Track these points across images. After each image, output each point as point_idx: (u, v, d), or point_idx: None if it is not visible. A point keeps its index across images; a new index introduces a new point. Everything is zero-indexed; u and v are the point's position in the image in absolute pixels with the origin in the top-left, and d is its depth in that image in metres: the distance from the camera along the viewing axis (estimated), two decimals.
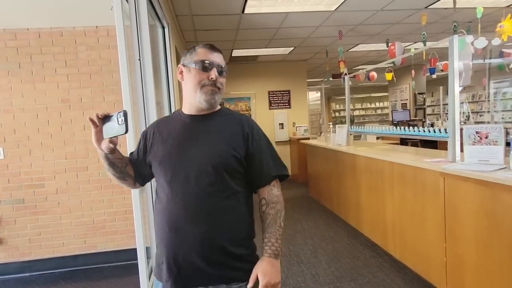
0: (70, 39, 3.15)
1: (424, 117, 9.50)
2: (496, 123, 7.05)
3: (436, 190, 2.43)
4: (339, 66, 5.30)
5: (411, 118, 8.75)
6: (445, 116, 7.71)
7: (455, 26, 3.19)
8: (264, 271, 1.09)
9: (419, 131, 3.00)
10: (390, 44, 4.17)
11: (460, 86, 2.44)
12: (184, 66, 1.20)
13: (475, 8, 3.20)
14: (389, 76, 5.21)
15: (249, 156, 1.19)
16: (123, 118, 1.02)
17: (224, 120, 1.22)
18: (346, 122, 4.62)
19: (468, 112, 7.89)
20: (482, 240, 2.05)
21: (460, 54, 2.42)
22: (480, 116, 8.18)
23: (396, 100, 10.44)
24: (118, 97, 2.35)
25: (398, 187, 2.97)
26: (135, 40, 2.08)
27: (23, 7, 2.76)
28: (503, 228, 1.91)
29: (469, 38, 2.55)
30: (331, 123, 5.98)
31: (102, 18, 3.02)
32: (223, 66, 1.19)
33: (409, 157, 3.05)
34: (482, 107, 8.24)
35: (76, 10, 2.88)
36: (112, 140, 1.09)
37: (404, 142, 5.92)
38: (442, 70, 5.62)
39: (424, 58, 4.84)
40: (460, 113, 2.47)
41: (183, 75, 1.21)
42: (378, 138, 5.57)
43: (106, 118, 1.07)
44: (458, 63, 2.43)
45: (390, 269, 2.94)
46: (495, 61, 5.53)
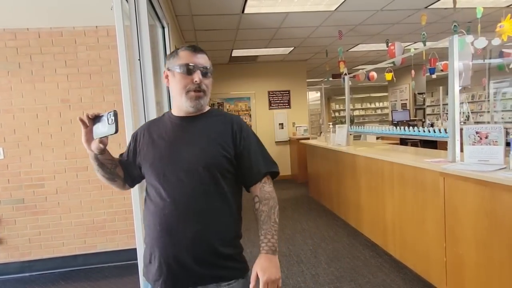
0: (70, 39, 3.15)
1: (424, 117, 9.50)
2: (496, 123, 7.06)
3: (436, 190, 2.43)
4: (339, 66, 5.30)
5: (411, 118, 8.76)
6: (445, 116, 7.71)
7: (455, 26, 3.19)
8: (263, 268, 1.08)
9: (419, 131, 3.01)
10: (390, 44, 4.17)
11: (460, 86, 2.44)
12: (169, 70, 1.20)
13: (475, 8, 3.20)
14: (389, 76, 5.21)
15: (238, 155, 1.19)
16: (113, 118, 1.02)
17: (213, 120, 1.23)
18: (346, 122, 4.62)
19: (468, 112, 7.89)
20: (482, 240, 2.05)
21: (460, 54, 2.42)
22: (480, 116, 8.18)
23: (396, 100, 10.44)
24: (118, 97, 2.35)
25: (398, 187, 2.97)
26: (135, 40, 2.08)
27: (23, 7, 2.76)
28: (503, 228, 1.91)
29: (469, 38, 2.55)
30: (331, 123, 5.97)
31: (102, 18, 3.02)
32: (208, 67, 1.19)
33: (409, 157, 3.05)
34: (482, 107, 8.24)
35: (76, 10, 2.88)
36: (102, 141, 1.09)
37: (404, 142, 5.92)
38: (442, 70, 5.62)
39: (424, 58, 4.83)
40: (460, 113, 2.47)
41: (168, 79, 1.21)
42: (378, 138, 5.57)
43: (96, 118, 1.07)
44: (458, 63, 2.44)
45: (390, 269, 2.94)
46: (495, 61, 5.53)
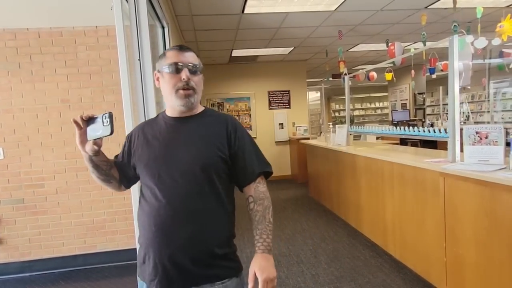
0: (69, 39, 3.15)
1: (424, 117, 9.50)
2: (495, 123, 7.06)
3: (436, 190, 2.43)
4: (339, 66, 5.30)
5: (411, 118, 8.76)
6: (445, 116, 7.71)
7: (455, 26, 3.19)
8: (261, 267, 1.09)
9: (419, 131, 3.00)
10: (390, 44, 4.17)
11: (459, 86, 2.44)
12: (159, 72, 1.21)
13: (475, 8, 3.20)
14: (389, 76, 5.21)
15: (233, 155, 1.20)
16: (108, 119, 1.02)
17: (208, 121, 1.23)
18: (346, 122, 4.62)
19: (468, 112, 7.89)
20: (482, 240, 2.05)
21: (460, 54, 2.42)
22: (480, 116, 8.18)
23: (396, 100, 10.44)
24: (118, 97, 2.35)
25: (398, 187, 2.97)
26: (135, 40, 2.08)
27: (23, 7, 2.76)
28: (503, 228, 1.91)
29: (469, 38, 2.55)
30: (331, 123, 5.97)
31: (102, 18, 3.02)
32: (196, 64, 1.18)
33: (409, 157, 3.05)
34: (482, 107, 8.24)
35: (76, 10, 2.88)
36: (96, 142, 1.09)
37: (404, 142, 5.92)
38: (442, 70, 5.63)
39: (424, 58, 4.84)
40: (460, 113, 2.47)
41: (159, 81, 1.22)
42: (378, 138, 5.57)
43: (90, 120, 1.07)
44: (458, 63, 2.44)
45: (390, 269, 2.94)
46: (495, 61, 5.53)
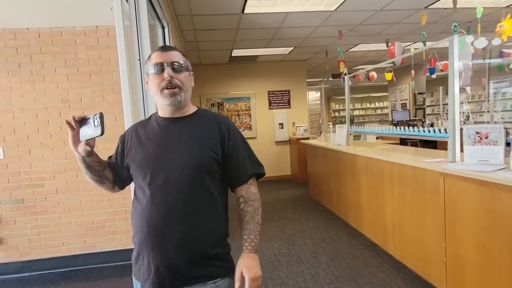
0: (70, 39, 3.15)
1: (424, 117, 9.50)
2: (495, 123, 7.06)
3: (436, 190, 2.43)
4: (339, 66, 5.30)
5: (411, 118, 8.76)
6: (445, 116, 7.71)
7: (455, 26, 3.19)
8: (248, 266, 1.12)
9: (419, 131, 3.00)
10: (390, 44, 4.17)
11: (459, 86, 2.44)
12: (147, 75, 1.21)
13: (475, 8, 3.20)
14: (388, 76, 5.21)
15: (226, 156, 1.20)
16: (99, 120, 1.03)
17: (200, 121, 1.23)
18: (346, 122, 4.62)
19: (468, 112, 7.89)
20: (482, 240, 2.05)
21: (460, 54, 2.42)
22: (480, 116, 8.18)
23: (396, 100, 10.44)
24: (118, 97, 2.35)
25: (398, 187, 2.97)
26: (135, 40, 2.08)
27: (23, 6, 2.76)
28: (503, 228, 1.91)
29: (469, 38, 2.55)
30: (331, 123, 5.97)
31: (102, 18, 3.02)
32: (180, 62, 1.18)
33: (409, 157, 3.05)
34: (481, 107, 8.24)
35: (76, 9, 2.88)
36: (88, 143, 1.10)
37: (404, 142, 5.92)
38: (441, 70, 5.62)
39: (424, 58, 4.83)
40: (460, 113, 2.47)
41: (148, 84, 1.22)
42: (377, 138, 5.56)
43: (82, 120, 1.08)
44: (458, 63, 2.44)
45: (390, 269, 2.94)
46: (495, 61, 5.53)
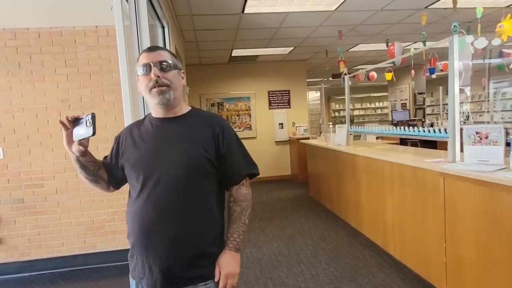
0: (69, 38, 3.15)
1: (424, 117, 9.50)
2: (495, 123, 7.06)
3: (436, 190, 2.43)
4: (339, 66, 5.29)
5: (411, 118, 8.77)
6: (445, 116, 7.71)
7: (455, 26, 3.19)
8: (225, 262, 1.15)
9: (419, 131, 3.00)
10: (390, 44, 4.17)
11: (460, 86, 2.44)
12: (137, 77, 1.22)
13: (475, 8, 3.20)
14: (388, 76, 5.20)
15: (220, 157, 1.21)
16: (91, 120, 1.04)
17: (194, 121, 1.23)
18: (346, 122, 4.62)
19: (468, 112, 7.89)
20: (482, 240, 2.05)
21: (460, 54, 2.42)
22: (480, 116, 8.18)
23: (396, 100, 10.44)
24: (118, 97, 2.35)
25: (398, 187, 2.97)
26: (135, 40, 2.08)
27: (22, 6, 2.76)
28: (503, 228, 1.91)
29: (469, 38, 2.55)
30: (331, 123, 5.97)
31: (102, 18, 3.02)
32: (168, 60, 1.18)
33: (409, 157, 3.05)
34: (481, 107, 8.24)
35: (76, 9, 2.88)
36: (81, 143, 1.10)
37: (403, 142, 5.93)
38: (441, 70, 5.62)
39: (424, 58, 4.83)
40: (460, 113, 2.47)
41: (138, 85, 1.23)
42: (377, 138, 5.57)
43: (76, 121, 1.09)
44: (458, 63, 2.44)
45: (390, 269, 2.94)
46: (495, 61, 5.53)
